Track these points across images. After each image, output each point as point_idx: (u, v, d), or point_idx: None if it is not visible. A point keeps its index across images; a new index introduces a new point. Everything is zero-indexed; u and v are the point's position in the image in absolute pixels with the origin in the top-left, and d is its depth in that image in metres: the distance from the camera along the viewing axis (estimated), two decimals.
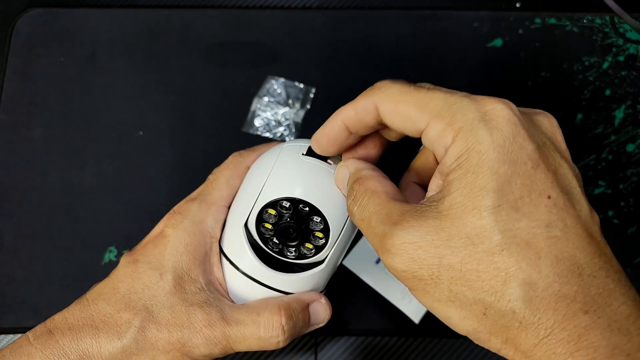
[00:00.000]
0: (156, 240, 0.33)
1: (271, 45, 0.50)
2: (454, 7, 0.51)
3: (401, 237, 0.24)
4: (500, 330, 0.22)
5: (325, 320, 0.33)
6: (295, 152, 0.32)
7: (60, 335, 0.30)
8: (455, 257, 0.23)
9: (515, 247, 0.22)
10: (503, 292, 0.22)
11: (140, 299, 0.31)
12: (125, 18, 0.51)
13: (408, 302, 0.43)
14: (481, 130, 0.23)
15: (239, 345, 0.31)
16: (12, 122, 0.48)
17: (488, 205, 0.22)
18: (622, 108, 0.49)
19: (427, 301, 0.24)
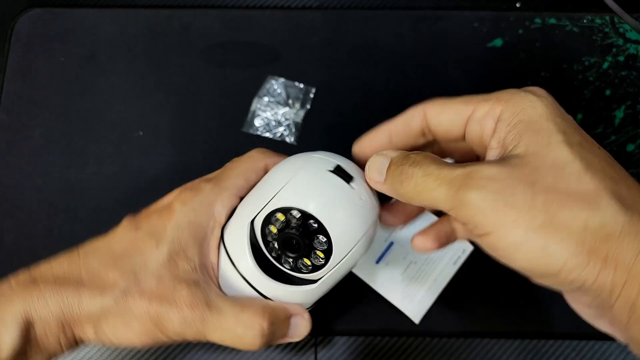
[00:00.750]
0: (162, 211, 0.33)
1: (271, 45, 0.50)
2: (454, 7, 0.51)
3: (488, 172, 0.25)
4: (601, 244, 0.22)
5: (302, 337, 0.33)
6: (322, 165, 0.31)
7: (43, 284, 0.30)
8: (546, 180, 0.24)
9: (595, 171, 0.24)
10: (599, 203, 0.23)
11: (131, 263, 0.31)
12: (125, 18, 0.51)
13: (408, 302, 0.43)
14: (529, 95, 0.27)
15: (213, 334, 0.30)
16: (12, 122, 0.48)
17: (560, 140, 0.25)
18: (622, 108, 0.49)
19: (518, 235, 0.23)
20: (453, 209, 0.25)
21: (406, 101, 0.49)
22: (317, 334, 0.43)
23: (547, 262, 0.23)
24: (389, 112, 0.48)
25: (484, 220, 0.24)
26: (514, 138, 0.26)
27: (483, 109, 0.28)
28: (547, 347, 0.43)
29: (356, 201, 0.30)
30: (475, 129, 0.29)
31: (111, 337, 0.30)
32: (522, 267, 0.25)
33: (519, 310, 0.44)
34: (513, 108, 0.27)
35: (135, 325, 0.30)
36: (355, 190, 0.30)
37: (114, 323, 0.30)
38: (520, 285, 0.44)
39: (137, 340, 0.30)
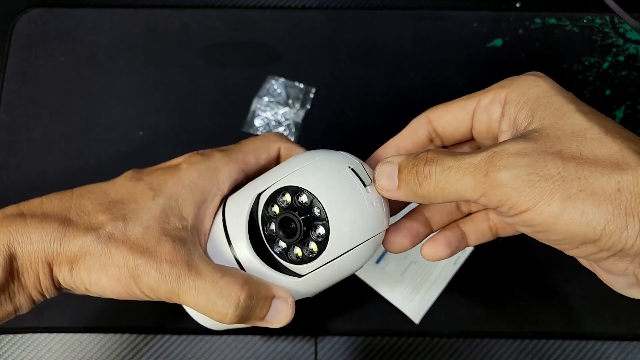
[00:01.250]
0: (167, 169, 0.32)
1: (271, 45, 0.50)
2: (454, 7, 0.51)
3: (514, 149, 0.24)
4: (637, 202, 0.22)
5: (281, 324, 0.31)
6: (344, 161, 0.30)
7: (30, 218, 0.29)
8: (571, 149, 0.24)
9: (614, 134, 0.24)
10: (627, 163, 0.23)
11: (124, 209, 0.30)
12: (125, 18, 0.51)
13: (408, 302, 0.43)
14: (530, 77, 0.28)
15: (186, 296, 0.29)
16: (12, 122, 0.48)
17: (573, 109, 0.26)
18: (622, 108, 0.49)
19: (556, 206, 0.23)
20: (484, 195, 0.24)
21: (406, 101, 0.49)
22: (317, 334, 0.43)
23: (587, 229, 0.23)
24: (389, 112, 0.49)
25: (522, 198, 0.23)
26: (526, 115, 0.26)
27: (487, 98, 0.29)
28: (547, 347, 0.43)
29: (367, 205, 0.29)
30: (482, 118, 0.29)
31: (85, 281, 0.29)
32: (561, 239, 0.24)
33: (519, 310, 0.44)
34: (518, 89, 0.27)
35: (112, 272, 0.29)
36: (370, 194, 0.29)
37: (91, 265, 0.29)
38: (520, 285, 0.44)
39: (110, 288, 0.29)
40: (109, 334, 0.43)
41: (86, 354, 0.43)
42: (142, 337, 0.43)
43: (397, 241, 0.31)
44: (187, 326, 0.43)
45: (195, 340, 0.43)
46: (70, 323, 0.43)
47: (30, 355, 0.43)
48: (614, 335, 0.43)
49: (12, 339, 0.43)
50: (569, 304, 0.44)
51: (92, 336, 0.43)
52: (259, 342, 0.43)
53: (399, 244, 0.31)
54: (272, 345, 0.43)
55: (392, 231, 0.31)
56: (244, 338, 0.43)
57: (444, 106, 0.31)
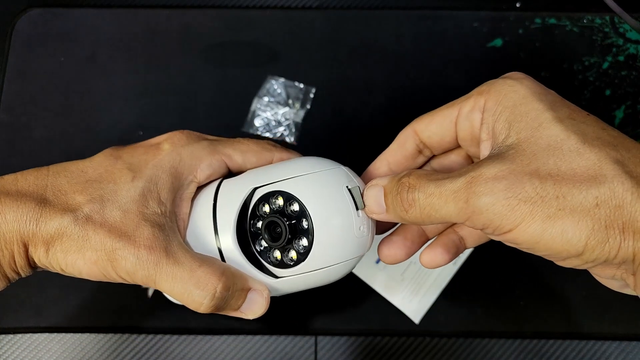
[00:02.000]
0: (149, 149, 0.31)
1: (271, 45, 0.50)
2: (454, 7, 0.51)
3: (490, 173, 0.24)
4: (616, 216, 0.22)
5: (255, 315, 0.31)
6: (345, 179, 0.30)
7: (4, 197, 0.28)
8: (548, 165, 0.24)
9: (592, 141, 0.24)
10: (604, 175, 0.23)
11: (102, 189, 0.29)
12: (125, 18, 0.51)
13: (408, 302, 0.43)
14: (508, 80, 0.27)
15: (163, 283, 0.29)
16: (12, 122, 0.48)
17: (550, 118, 0.25)
18: (622, 108, 0.49)
19: (536, 226, 0.23)
20: (468, 219, 0.25)
21: (406, 101, 0.49)
22: (317, 334, 0.43)
23: (568, 247, 0.23)
24: (389, 112, 0.49)
25: (504, 221, 0.24)
26: (503, 127, 0.26)
27: (468, 105, 0.28)
28: (547, 347, 0.43)
29: (355, 229, 0.29)
30: (465, 126, 0.29)
31: (61, 262, 0.29)
32: (546, 255, 0.25)
33: (519, 310, 0.44)
34: (495, 96, 0.27)
35: (89, 255, 0.28)
36: (360, 218, 0.30)
37: (68, 247, 0.28)
38: (520, 285, 0.44)
39: (86, 270, 0.29)
40: (109, 334, 0.43)
41: (86, 354, 0.43)
42: (142, 337, 0.43)
43: (392, 253, 0.31)
44: (187, 326, 0.43)
45: (195, 340, 0.43)
46: (70, 323, 0.43)
47: (30, 355, 0.43)
48: (614, 335, 0.43)
49: (12, 339, 0.43)
50: (569, 304, 0.44)
51: (92, 336, 0.43)
52: (259, 342, 0.43)
53: (394, 256, 0.31)
54: (272, 345, 0.43)
55: (386, 243, 0.32)
56: (244, 338, 0.43)
57: (428, 116, 0.30)
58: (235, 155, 0.33)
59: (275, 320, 0.43)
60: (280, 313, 0.43)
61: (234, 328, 0.43)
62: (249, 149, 0.33)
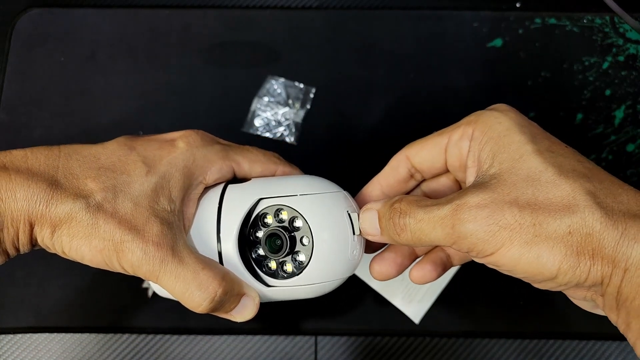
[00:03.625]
0: (164, 144, 0.32)
1: (271, 45, 0.50)
2: (454, 7, 0.51)
3: (474, 201, 0.26)
4: (586, 243, 0.24)
5: (244, 319, 0.32)
6: (345, 204, 0.32)
7: (15, 174, 0.28)
8: (527, 195, 0.26)
9: (568, 174, 0.26)
10: (577, 205, 0.25)
11: (115, 179, 0.29)
12: (126, 18, 0.51)
13: (408, 302, 0.43)
14: (494, 112, 0.29)
15: (166, 280, 0.29)
16: (12, 122, 0.48)
17: (530, 150, 0.27)
18: (622, 108, 0.49)
19: (515, 251, 0.25)
20: (454, 243, 0.27)
21: (406, 101, 0.49)
22: (317, 334, 0.43)
23: (543, 271, 0.25)
24: (389, 112, 0.49)
25: (486, 246, 0.26)
26: (487, 156, 0.28)
27: (457, 133, 0.30)
28: (547, 347, 0.43)
29: (349, 252, 0.31)
30: (454, 153, 0.31)
31: (65, 245, 0.29)
32: (524, 277, 0.27)
33: (519, 310, 0.44)
34: (482, 126, 0.29)
35: (95, 243, 0.29)
36: (354, 242, 0.32)
37: (75, 232, 0.29)
38: (520, 285, 0.44)
39: (90, 256, 0.29)
40: (109, 334, 0.43)
41: (86, 354, 0.43)
42: (142, 337, 0.43)
43: (384, 270, 0.33)
44: (187, 326, 0.43)
45: (195, 340, 0.43)
46: (69, 323, 0.43)
47: (30, 355, 0.43)
48: (614, 335, 0.43)
49: (12, 338, 0.43)
50: (569, 304, 0.44)
51: (92, 336, 0.43)
52: (259, 342, 0.43)
53: (385, 273, 0.34)
54: (272, 345, 0.43)
55: (377, 261, 0.34)
56: (244, 338, 0.43)
57: (420, 143, 0.32)
58: (244, 163, 0.34)
59: (275, 320, 0.44)
60: (280, 313, 0.43)
61: (234, 328, 0.43)
62: (257, 159, 0.34)
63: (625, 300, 0.24)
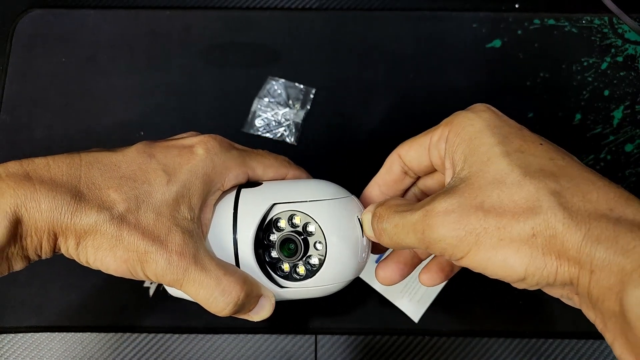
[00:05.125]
0: (183, 150, 0.32)
1: (271, 46, 0.50)
2: (453, 8, 0.52)
3: (442, 207, 0.27)
4: (550, 244, 0.24)
5: (261, 318, 0.33)
6: (355, 209, 0.33)
7: (39, 184, 0.28)
8: (492, 199, 0.26)
9: (534, 174, 0.26)
10: (540, 206, 0.25)
11: (137, 189, 0.30)
12: (126, 19, 0.51)
13: (408, 301, 0.43)
14: (469, 114, 0.29)
15: (189, 288, 0.30)
16: (13, 123, 0.48)
17: (498, 152, 0.27)
18: (621, 108, 0.49)
19: (483, 254, 0.26)
20: (428, 247, 0.28)
21: (406, 102, 0.49)
22: (317, 333, 0.43)
23: (512, 272, 0.26)
24: (389, 112, 0.49)
25: (455, 250, 0.26)
26: (459, 158, 0.28)
27: (436, 135, 0.31)
28: (547, 346, 0.43)
29: (359, 255, 0.33)
30: (434, 154, 0.31)
31: (90, 256, 0.30)
32: (497, 278, 0.27)
33: (518, 310, 0.44)
34: (456, 128, 0.29)
35: (120, 254, 0.29)
36: (363, 246, 0.33)
37: (100, 243, 0.29)
38: None
39: (114, 267, 0.30)
40: (110, 333, 0.43)
41: (87, 353, 0.43)
42: (143, 336, 0.43)
43: (388, 275, 0.34)
44: (187, 325, 0.43)
45: (195, 339, 0.43)
46: (71, 322, 0.44)
47: (31, 355, 0.43)
48: None
49: (13, 338, 0.43)
50: None
51: (93, 335, 0.43)
52: (259, 341, 0.43)
53: (390, 278, 0.34)
54: (272, 344, 0.43)
55: (382, 267, 0.35)
56: (244, 337, 0.43)
57: (409, 143, 0.33)
58: (258, 169, 0.35)
59: (276, 319, 0.44)
60: (280, 312, 0.43)
61: (235, 327, 0.43)
62: (270, 164, 0.35)
63: (597, 301, 0.24)
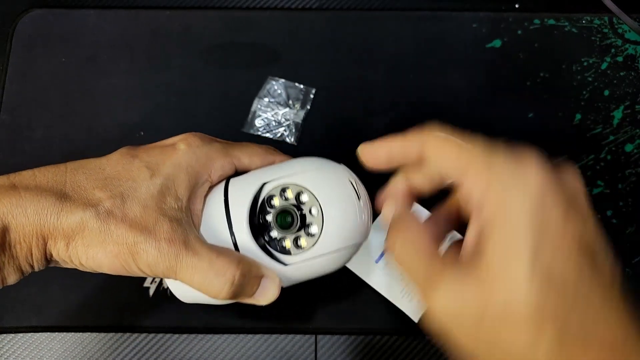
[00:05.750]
0: (165, 149, 0.33)
1: (271, 46, 0.50)
2: (453, 8, 0.52)
3: (441, 300, 0.26)
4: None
5: (269, 301, 0.33)
6: (346, 174, 0.34)
7: (24, 191, 0.29)
8: (496, 309, 0.24)
9: (544, 324, 0.23)
10: (541, 331, 0.23)
11: (121, 186, 0.30)
12: (126, 19, 0.51)
13: (408, 301, 0.43)
14: (513, 190, 0.24)
15: (184, 274, 0.30)
16: (13, 123, 0.48)
17: (526, 259, 0.23)
18: (621, 108, 0.49)
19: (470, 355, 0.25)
20: (423, 301, 0.27)
21: (406, 102, 0.49)
22: (317, 333, 0.43)
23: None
24: (389, 113, 0.49)
25: (439, 331, 0.26)
26: (484, 241, 0.25)
27: (471, 180, 0.26)
28: None
29: (358, 215, 0.32)
30: (462, 192, 0.27)
31: (81, 256, 0.30)
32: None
33: None
34: (494, 200, 0.25)
35: (110, 248, 0.29)
36: (361, 207, 0.33)
37: (90, 241, 0.29)
38: None
39: (107, 263, 0.30)
40: (110, 332, 0.43)
41: (87, 353, 0.43)
42: (143, 336, 0.43)
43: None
44: (187, 325, 0.43)
45: (196, 339, 0.43)
46: (71, 322, 0.44)
47: (31, 355, 0.43)
48: None
49: (12, 338, 0.43)
50: None
51: (93, 335, 0.43)
52: (259, 341, 0.43)
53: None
54: (272, 344, 0.43)
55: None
56: (244, 337, 0.43)
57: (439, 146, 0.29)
58: (244, 158, 0.35)
59: (276, 319, 0.44)
60: (280, 312, 0.44)
61: (234, 327, 0.43)
62: (255, 152, 0.35)
63: None
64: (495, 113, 0.49)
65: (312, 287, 0.36)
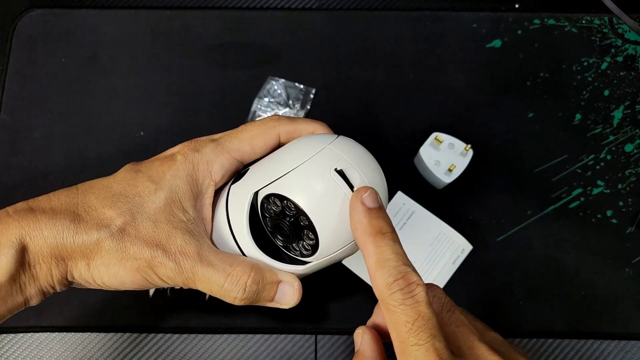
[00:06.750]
0: (164, 160, 0.33)
1: (271, 46, 0.50)
2: (453, 8, 0.52)
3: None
4: None
5: (291, 304, 0.33)
6: (332, 162, 0.30)
7: (40, 214, 0.30)
8: None
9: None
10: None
11: (129, 203, 0.31)
12: (126, 19, 0.51)
13: None
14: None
15: (201, 284, 0.31)
16: (13, 122, 0.48)
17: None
18: (621, 108, 0.49)
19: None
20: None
21: (406, 102, 0.49)
22: (317, 333, 0.43)
23: None
24: (389, 112, 0.49)
25: None
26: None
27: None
28: (547, 346, 0.43)
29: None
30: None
31: (103, 275, 0.31)
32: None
33: (518, 310, 0.44)
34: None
35: (130, 264, 0.30)
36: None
37: (109, 259, 0.30)
38: (520, 285, 0.45)
39: (130, 278, 0.31)
40: (110, 332, 0.43)
41: (87, 353, 0.43)
42: (142, 336, 0.43)
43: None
44: (188, 325, 0.43)
45: (195, 339, 0.43)
46: (70, 322, 0.44)
47: (31, 355, 0.43)
48: (613, 334, 0.43)
49: (12, 338, 0.43)
50: (569, 304, 0.44)
51: (92, 335, 0.43)
52: (260, 341, 0.43)
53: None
54: (272, 344, 0.43)
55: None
56: (245, 337, 0.43)
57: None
58: (243, 147, 0.34)
59: (276, 319, 0.44)
60: (280, 312, 0.44)
61: (235, 327, 0.43)
62: (254, 134, 0.35)
63: None
64: (495, 113, 0.49)
65: (312, 287, 0.36)
